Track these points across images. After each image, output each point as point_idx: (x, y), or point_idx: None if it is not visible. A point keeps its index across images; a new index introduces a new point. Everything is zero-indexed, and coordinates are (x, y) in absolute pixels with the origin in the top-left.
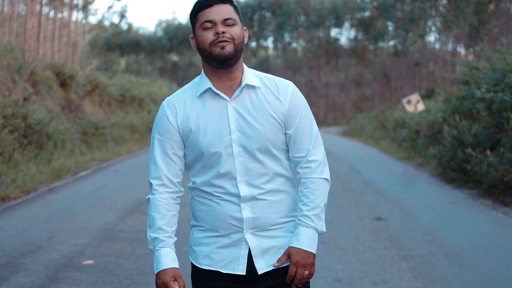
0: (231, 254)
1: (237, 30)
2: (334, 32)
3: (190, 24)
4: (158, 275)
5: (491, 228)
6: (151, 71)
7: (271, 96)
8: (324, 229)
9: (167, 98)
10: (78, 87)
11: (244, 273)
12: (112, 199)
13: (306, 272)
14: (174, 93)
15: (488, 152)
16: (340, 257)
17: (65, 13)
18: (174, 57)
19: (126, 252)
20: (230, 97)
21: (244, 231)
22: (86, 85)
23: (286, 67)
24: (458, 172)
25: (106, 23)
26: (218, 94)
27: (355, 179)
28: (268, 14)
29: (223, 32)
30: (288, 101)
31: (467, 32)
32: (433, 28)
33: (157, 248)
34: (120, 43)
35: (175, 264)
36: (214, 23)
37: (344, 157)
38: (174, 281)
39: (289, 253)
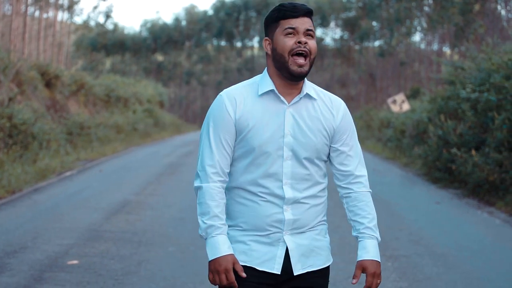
0: (268, 253)
1: (314, 43)
2: (319, 32)
3: (175, 23)
4: (217, 261)
5: (476, 228)
6: (136, 71)
7: (325, 109)
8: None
9: (226, 90)
10: (63, 87)
11: (279, 273)
12: (97, 199)
13: (379, 281)
14: (232, 87)
15: (473, 152)
16: None
17: (51, 13)
18: (159, 57)
19: (111, 252)
20: (288, 103)
21: (284, 232)
22: (72, 85)
23: None
24: (443, 172)
25: (92, 23)
26: (279, 97)
27: None
28: (253, 14)
29: (305, 43)
30: (341, 117)
31: (453, 32)
32: (419, 28)
33: (213, 235)
34: (105, 43)
35: (232, 251)
36: (296, 32)
37: None
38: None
39: (362, 266)
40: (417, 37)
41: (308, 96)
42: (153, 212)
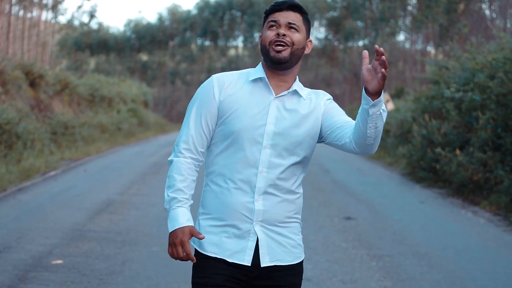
0: (239, 245)
1: (298, 37)
2: None
3: (159, 23)
4: (174, 233)
5: (460, 228)
6: (120, 71)
7: (311, 103)
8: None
9: (219, 73)
10: (47, 86)
11: (250, 264)
12: (81, 199)
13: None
14: (226, 72)
15: (458, 152)
16: (309, 256)
17: (35, 13)
18: (143, 57)
19: (95, 252)
20: (276, 95)
21: (254, 223)
22: (56, 84)
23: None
24: (427, 172)
25: (76, 22)
26: (267, 87)
27: (324, 179)
28: (238, 14)
29: (284, 35)
30: (324, 102)
31: (437, 32)
32: (403, 27)
33: (173, 208)
34: (89, 43)
35: (191, 223)
36: (278, 25)
37: (314, 156)
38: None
39: None
40: (401, 36)
41: (296, 92)
42: (137, 211)
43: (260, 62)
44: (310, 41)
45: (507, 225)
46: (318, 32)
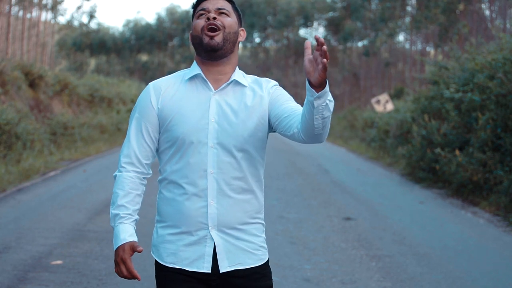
0: (196, 252)
1: (230, 20)
2: (303, 32)
3: (158, 23)
4: (116, 251)
5: (460, 228)
6: (120, 71)
7: (255, 95)
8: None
9: (155, 80)
10: (47, 87)
11: (210, 271)
12: (81, 199)
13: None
14: (162, 77)
15: (457, 152)
16: (309, 257)
17: (34, 13)
18: (143, 57)
19: (95, 252)
20: (215, 89)
21: (210, 228)
22: (55, 85)
23: (257, 67)
24: (427, 172)
25: (75, 23)
26: (205, 82)
27: (324, 179)
28: None
29: (214, 18)
30: (268, 91)
31: (437, 32)
32: (403, 27)
33: (116, 224)
34: (89, 43)
35: (133, 238)
36: (207, 11)
37: (313, 157)
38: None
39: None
40: (401, 37)
41: (236, 83)
42: None
43: (194, 60)
44: (243, 30)
45: (506, 226)
46: (318, 33)
